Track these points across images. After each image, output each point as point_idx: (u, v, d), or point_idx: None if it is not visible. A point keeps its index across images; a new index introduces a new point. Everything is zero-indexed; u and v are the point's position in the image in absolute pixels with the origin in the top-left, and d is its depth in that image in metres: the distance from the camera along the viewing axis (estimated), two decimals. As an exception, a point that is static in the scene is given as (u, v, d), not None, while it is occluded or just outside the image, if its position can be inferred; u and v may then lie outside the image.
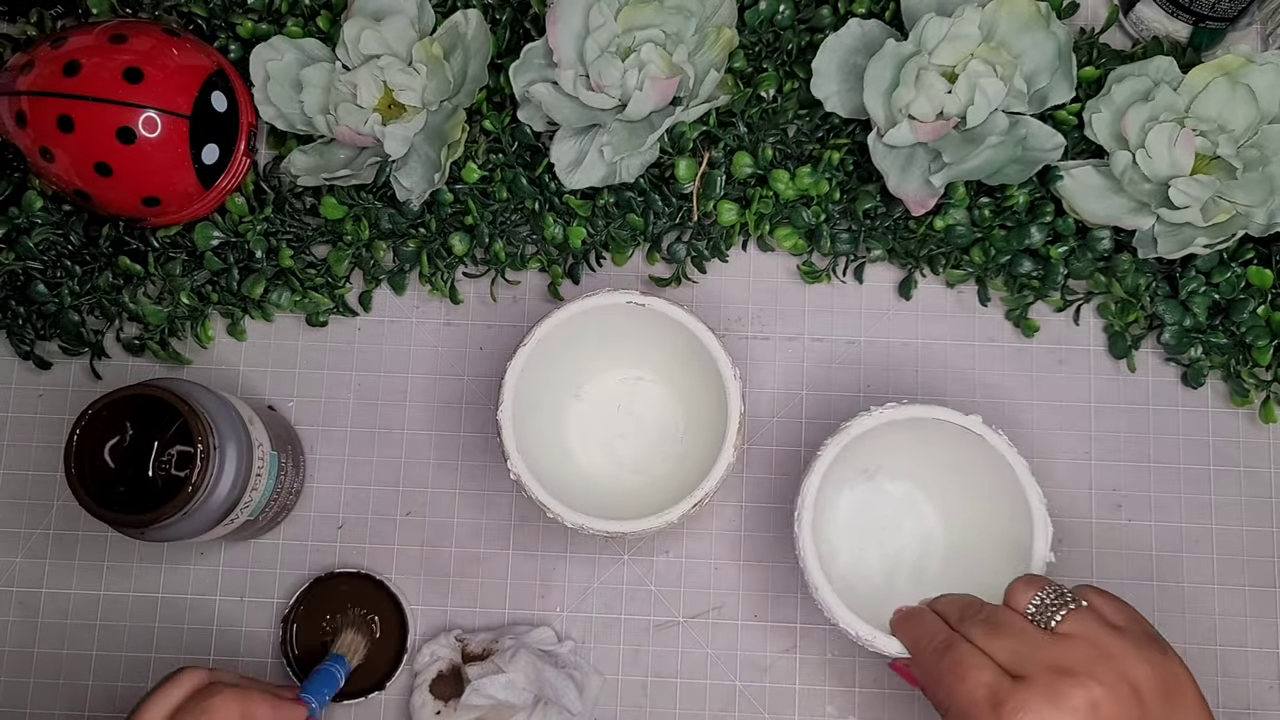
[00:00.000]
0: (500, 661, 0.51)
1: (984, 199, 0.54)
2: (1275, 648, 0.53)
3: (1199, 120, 0.51)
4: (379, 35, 0.53)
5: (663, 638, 0.54)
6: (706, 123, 0.54)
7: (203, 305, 0.55)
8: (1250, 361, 0.53)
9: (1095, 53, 0.55)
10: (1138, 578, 0.54)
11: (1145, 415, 0.55)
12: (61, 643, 0.55)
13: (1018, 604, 0.40)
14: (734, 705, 0.53)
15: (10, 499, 0.56)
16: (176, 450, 0.47)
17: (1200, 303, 0.53)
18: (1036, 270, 0.54)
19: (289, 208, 0.56)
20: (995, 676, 0.37)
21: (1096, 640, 0.38)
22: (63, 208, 0.55)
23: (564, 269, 0.56)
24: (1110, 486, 0.54)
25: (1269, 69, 0.51)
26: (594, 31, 0.52)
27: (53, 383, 0.57)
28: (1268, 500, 0.54)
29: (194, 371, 0.56)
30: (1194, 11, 0.54)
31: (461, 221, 0.55)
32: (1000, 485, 0.47)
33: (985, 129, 0.51)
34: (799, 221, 0.54)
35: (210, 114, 0.53)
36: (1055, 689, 0.36)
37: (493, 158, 0.55)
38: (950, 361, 0.56)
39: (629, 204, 0.54)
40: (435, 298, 0.57)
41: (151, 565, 0.55)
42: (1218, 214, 0.50)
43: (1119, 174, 0.52)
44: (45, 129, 0.50)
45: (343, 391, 0.56)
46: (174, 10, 0.57)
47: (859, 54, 0.53)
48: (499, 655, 0.51)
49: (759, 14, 0.55)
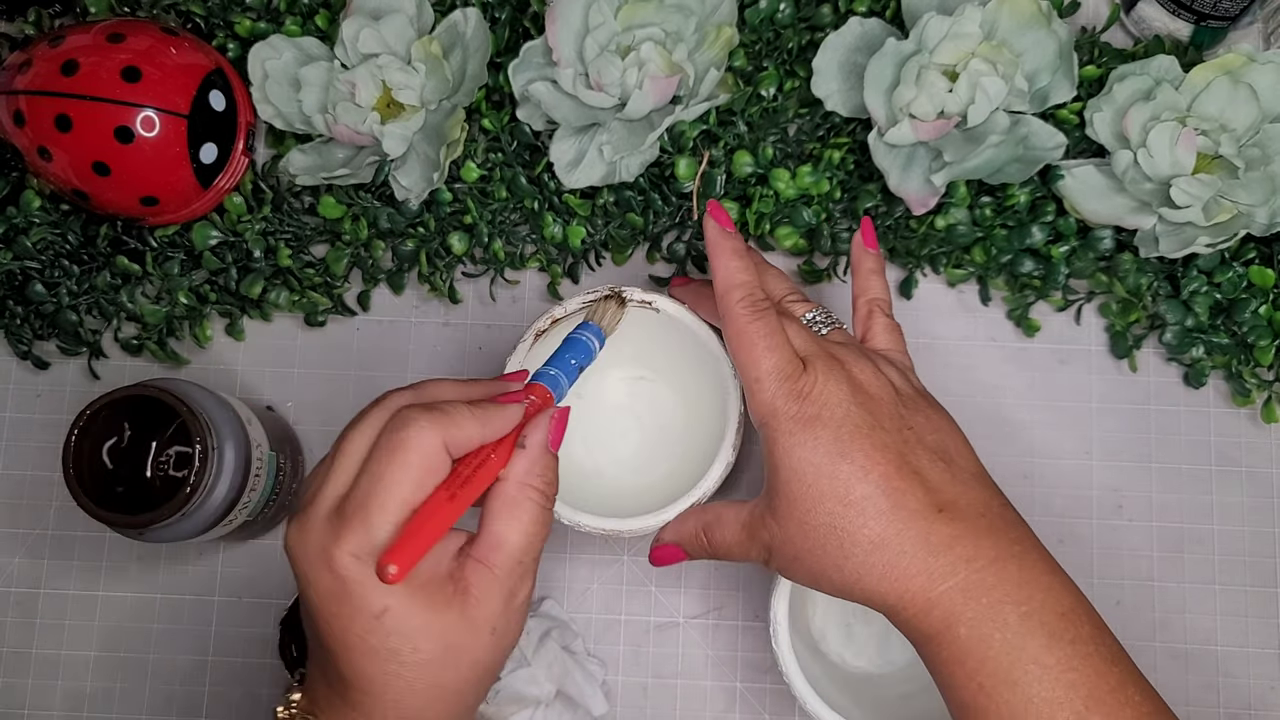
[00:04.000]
0: (526, 650, 0.50)
1: (985, 198, 0.54)
2: (1276, 648, 0.53)
3: (1201, 119, 0.51)
4: (377, 34, 0.53)
5: (663, 638, 0.54)
6: (706, 121, 0.54)
7: (201, 305, 0.55)
8: (1252, 361, 0.53)
9: (1097, 51, 0.55)
10: (1138, 578, 0.54)
11: (1146, 415, 0.55)
12: (59, 643, 0.54)
13: (793, 315, 0.44)
14: (734, 706, 0.53)
15: (8, 499, 0.56)
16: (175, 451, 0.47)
17: (1202, 302, 0.53)
18: (1038, 270, 0.54)
19: (287, 207, 0.55)
20: (792, 355, 0.41)
21: (857, 347, 0.43)
22: (60, 207, 0.55)
23: (563, 268, 0.56)
24: (1111, 486, 0.54)
25: (1271, 68, 0.51)
26: (593, 30, 0.52)
27: (51, 383, 0.57)
28: (1269, 501, 0.54)
29: (192, 371, 0.56)
30: (1196, 10, 0.54)
31: (460, 221, 0.55)
32: None
33: (986, 128, 0.51)
34: (799, 221, 0.54)
35: (208, 113, 0.53)
36: (829, 369, 0.40)
37: (492, 157, 0.55)
38: (951, 361, 0.56)
39: (629, 203, 0.54)
40: (434, 297, 0.57)
41: (150, 566, 0.55)
42: (1219, 213, 0.50)
43: (1120, 173, 0.52)
44: (43, 128, 0.50)
45: (341, 391, 0.56)
46: (172, 9, 0.57)
47: (860, 53, 0.53)
48: (524, 640, 0.51)
49: (759, 12, 0.55)
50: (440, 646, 0.35)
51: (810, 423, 0.39)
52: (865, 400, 0.40)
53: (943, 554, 0.37)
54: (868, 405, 0.40)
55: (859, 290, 0.46)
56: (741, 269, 0.43)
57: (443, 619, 0.35)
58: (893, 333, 0.45)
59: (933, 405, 0.42)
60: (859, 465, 0.38)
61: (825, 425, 0.39)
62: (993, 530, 0.38)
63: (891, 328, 0.45)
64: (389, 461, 0.35)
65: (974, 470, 0.40)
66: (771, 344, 0.41)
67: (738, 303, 0.42)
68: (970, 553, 0.37)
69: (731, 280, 0.42)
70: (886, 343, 0.45)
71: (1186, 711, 0.53)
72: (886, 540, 0.37)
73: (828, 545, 0.38)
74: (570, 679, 0.51)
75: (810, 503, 0.39)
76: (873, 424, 0.39)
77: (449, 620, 0.35)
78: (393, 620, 0.34)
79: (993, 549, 0.37)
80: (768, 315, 0.41)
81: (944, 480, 0.39)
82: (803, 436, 0.39)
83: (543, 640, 0.51)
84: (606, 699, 0.52)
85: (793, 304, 0.45)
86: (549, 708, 0.50)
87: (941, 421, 0.41)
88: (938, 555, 0.37)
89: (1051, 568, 0.38)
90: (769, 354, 0.40)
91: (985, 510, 0.39)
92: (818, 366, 0.40)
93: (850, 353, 0.42)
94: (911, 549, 0.37)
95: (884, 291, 0.46)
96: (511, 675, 0.50)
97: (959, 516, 0.38)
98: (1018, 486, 0.54)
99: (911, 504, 0.38)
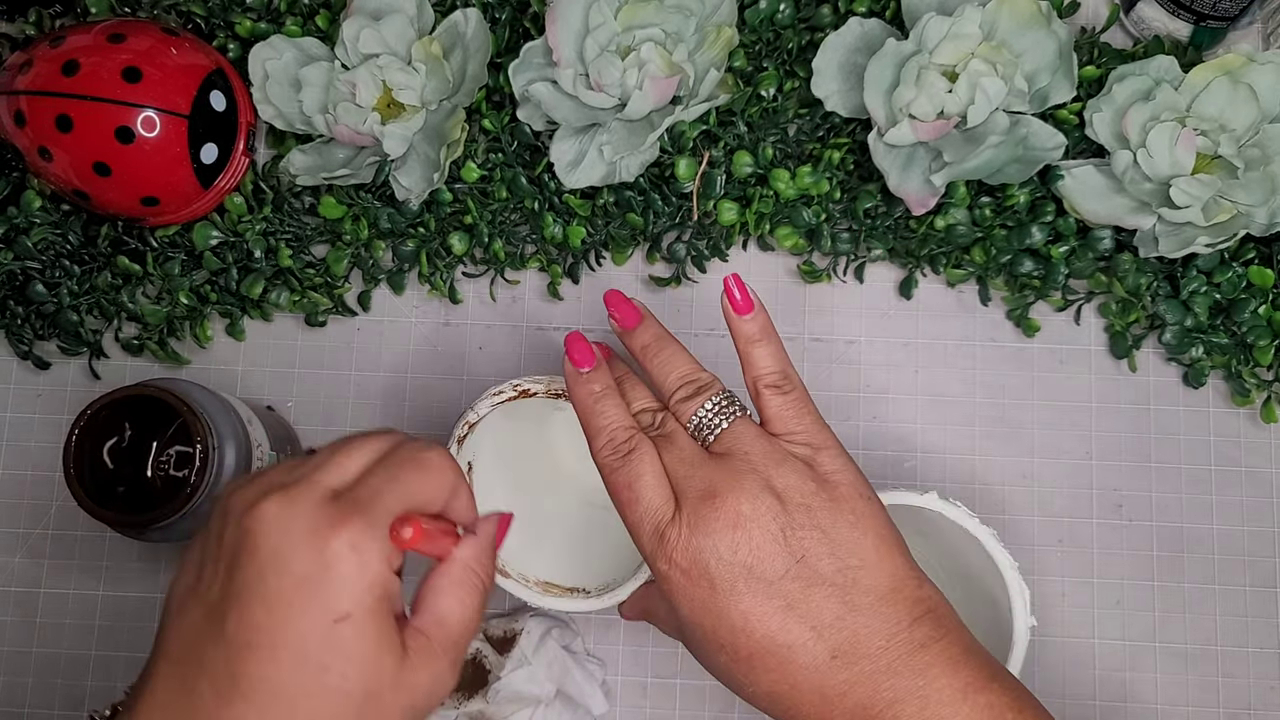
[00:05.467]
0: (526, 650, 0.50)
1: (985, 198, 0.54)
2: (1276, 648, 0.53)
3: (1200, 119, 0.51)
4: (378, 34, 0.53)
5: (663, 638, 0.54)
6: (706, 122, 0.54)
7: (201, 305, 0.55)
8: (1251, 361, 0.53)
9: (1096, 52, 0.55)
10: (1138, 578, 0.54)
11: (1146, 415, 0.55)
12: (60, 643, 0.55)
13: (681, 419, 0.40)
14: (734, 706, 0.53)
15: (9, 499, 0.56)
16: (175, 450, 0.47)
17: (1201, 302, 0.53)
18: (1037, 270, 0.54)
19: (288, 207, 0.56)
20: (661, 501, 0.37)
21: (748, 454, 0.38)
22: (61, 207, 0.55)
23: (563, 268, 0.56)
24: (1111, 486, 0.54)
25: (1270, 68, 0.51)
26: (593, 30, 0.52)
27: (51, 383, 0.57)
28: (1269, 500, 0.54)
29: (193, 371, 0.56)
30: (1195, 11, 0.54)
31: (461, 221, 0.55)
32: (972, 552, 0.45)
33: (986, 128, 0.51)
34: (799, 221, 0.54)
35: (209, 113, 0.53)
36: (699, 515, 0.37)
37: (492, 157, 0.55)
38: (951, 361, 0.56)
39: (629, 203, 0.54)
40: (434, 297, 0.57)
41: (150, 565, 0.55)
42: (1219, 213, 0.50)
43: (1120, 173, 0.52)
44: (44, 128, 0.50)
45: (342, 391, 0.56)
46: (172, 9, 0.57)
47: (859, 53, 0.53)
48: (524, 639, 0.51)
49: (759, 13, 0.55)
50: (364, 690, 0.32)
51: (684, 579, 0.37)
52: (743, 542, 0.36)
53: (837, 703, 0.35)
54: (745, 549, 0.36)
55: (743, 366, 0.41)
56: (599, 412, 0.40)
57: (381, 662, 0.32)
58: (790, 410, 0.39)
59: (838, 505, 0.37)
60: (739, 626, 0.36)
61: (698, 582, 0.36)
62: (892, 668, 0.35)
63: (788, 405, 0.39)
64: (412, 469, 0.34)
65: (880, 589, 0.36)
66: (633, 495, 0.38)
67: (599, 453, 0.39)
68: (866, 699, 0.35)
69: (590, 428, 0.40)
70: (785, 425, 0.39)
71: (1186, 711, 0.53)
72: (780, 694, 0.36)
73: (732, 685, 0.38)
74: (570, 678, 0.51)
75: (708, 651, 0.37)
76: (750, 573, 0.36)
77: (385, 667, 0.32)
78: (346, 631, 0.31)
79: (890, 690, 0.35)
80: (630, 460, 0.38)
81: (838, 615, 0.36)
82: (680, 595, 0.37)
83: (543, 639, 0.51)
84: (606, 698, 0.52)
85: (681, 404, 0.40)
86: (549, 707, 0.50)
87: (845, 531, 0.37)
88: (833, 705, 0.36)
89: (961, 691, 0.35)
90: (632, 507, 0.38)
91: (888, 641, 0.36)
92: (685, 514, 0.37)
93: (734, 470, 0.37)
94: (807, 700, 0.36)
95: (773, 361, 0.40)
96: (512, 675, 0.50)
97: (854, 658, 0.35)
98: (1018, 486, 0.54)
99: (801, 658, 0.36)
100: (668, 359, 0.41)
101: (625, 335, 0.42)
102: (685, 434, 0.39)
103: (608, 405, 0.40)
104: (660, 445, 0.39)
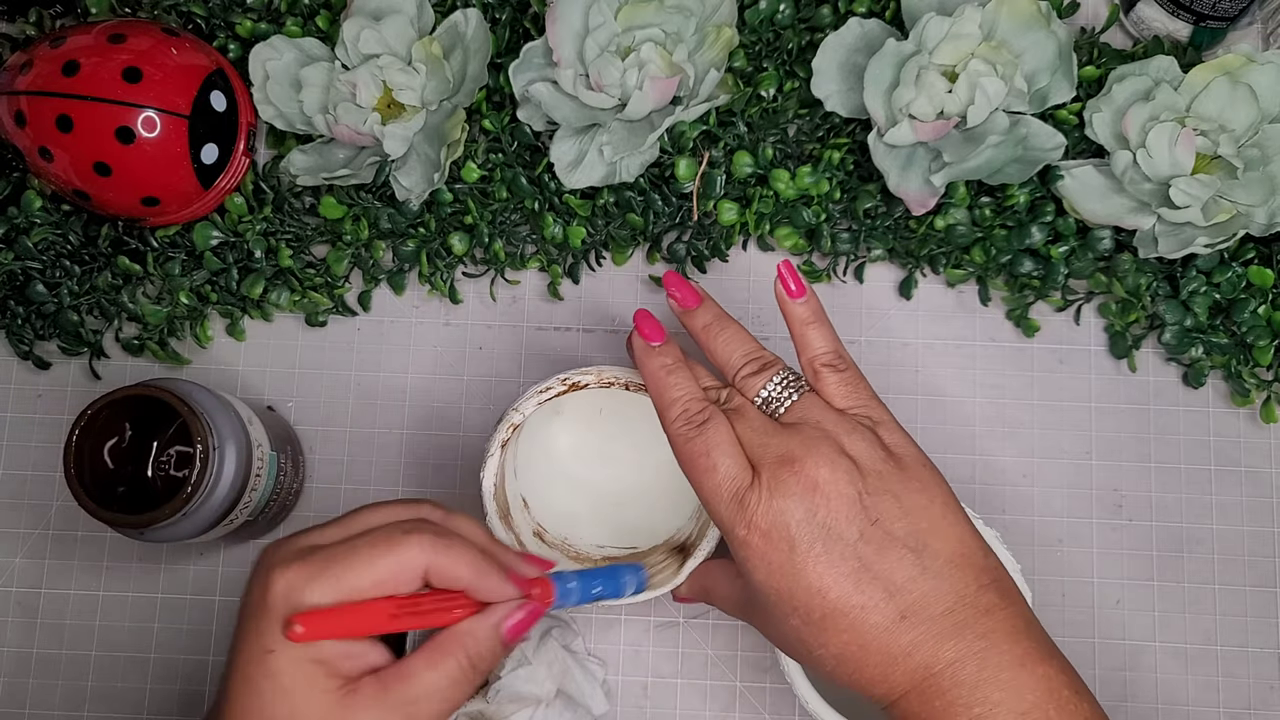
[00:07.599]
0: (527, 650, 0.51)
1: (985, 198, 0.54)
2: (1276, 648, 0.53)
3: (1200, 120, 0.51)
4: (378, 34, 0.53)
5: (663, 638, 0.54)
6: (706, 122, 0.54)
7: (202, 305, 0.55)
8: (1251, 361, 0.53)
9: (1096, 52, 0.55)
10: (1138, 578, 0.54)
11: (1146, 415, 0.55)
12: (60, 643, 0.55)
13: (748, 394, 0.41)
14: (734, 706, 0.53)
15: (9, 499, 0.56)
16: (176, 450, 0.47)
17: (1201, 302, 0.53)
18: (1037, 270, 0.54)
19: (288, 207, 0.56)
20: (739, 469, 0.39)
21: (820, 423, 0.39)
22: (62, 207, 0.55)
23: (564, 269, 0.56)
24: (1111, 486, 0.54)
25: (1270, 68, 0.51)
26: (594, 31, 0.52)
27: (52, 383, 0.57)
28: (1269, 500, 0.54)
29: (193, 371, 0.56)
30: (1195, 11, 0.54)
31: (461, 221, 0.55)
32: None
33: (986, 128, 0.51)
34: (799, 221, 0.54)
35: (209, 114, 0.53)
36: (778, 479, 0.38)
37: (492, 157, 0.55)
38: (951, 361, 0.56)
39: (629, 203, 0.54)
40: (435, 297, 0.57)
41: (151, 566, 0.55)
42: (1219, 214, 0.50)
43: (1120, 174, 0.52)
44: (44, 129, 0.50)
45: (342, 391, 0.56)
46: (173, 10, 0.57)
47: (859, 53, 0.53)
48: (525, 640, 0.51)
49: (759, 13, 0.55)
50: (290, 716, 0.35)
51: (764, 541, 0.38)
52: (821, 505, 0.37)
53: (901, 662, 0.36)
54: (824, 511, 0.37)
55: (798, 348, 0.42)
56: (672, 384, 0.41)
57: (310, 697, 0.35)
58: (848, 386, 0.41)
59: (906, 472, 0.39)
60: (816, 587, 0.37)
61: (777, 545, 0.37)
62: (957, 629, 0.36)
63: (845, 382, 0.41)
64: (372, 548, 0.36)
65: (949, 553, 0.38)
66: (710, 463, 0.39)
67: (672, 424, 0.40)
68: (928, 659, 0.36)
69: (663, 400, 0.41)
70: (845, 401, 0.41)
71: (1186, 711, 0.53)
72: (848, 655, 0.37)
73: (798, 650, 0.39)
74: (570, 678, 0.51)
75: (778, 616, 0.38)
76: (829, 534, 0.37)
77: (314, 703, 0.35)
78: (273, 665, 0.34)
79: (953, 651, 0.36)
80: (705, 429, 0.39)
81: (911, 577, 0.37)
82: (759, 559, 0.38)
83: (543, 639, 0.51)
84: (606, 698, 0.52)
85: (748, 380, 0.41)
86: (549, 707, 0.50)
87: (915, 497, 0.38)
88: (897, 664, 0.36)
89: (1019, 659, 0.36)
90: (709, 475, 0.39)
91: (955, 603, 0.37)
92: (764, 478, 0.38)
93: (809, 437, 0.39)
94: (873, 660, 0.37)
95: (826, 342, 0.42)
96: (511, 674, 0.50)
97: (922, 619, 0.36)
98: (1018, 486, 0.54)
99: (873, 618, 0.37)
100: (731, 337, 0.42)
101: (685, 315, 0.44)
102: (753, 407, 0.41)
103: (680, 378, 0.41)
104: (731, 417, 0.40)
